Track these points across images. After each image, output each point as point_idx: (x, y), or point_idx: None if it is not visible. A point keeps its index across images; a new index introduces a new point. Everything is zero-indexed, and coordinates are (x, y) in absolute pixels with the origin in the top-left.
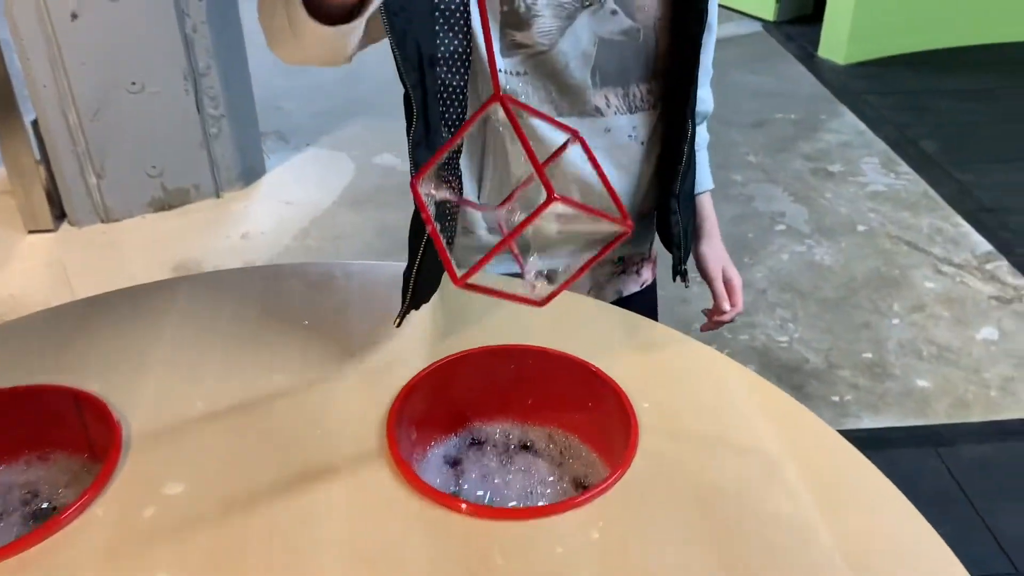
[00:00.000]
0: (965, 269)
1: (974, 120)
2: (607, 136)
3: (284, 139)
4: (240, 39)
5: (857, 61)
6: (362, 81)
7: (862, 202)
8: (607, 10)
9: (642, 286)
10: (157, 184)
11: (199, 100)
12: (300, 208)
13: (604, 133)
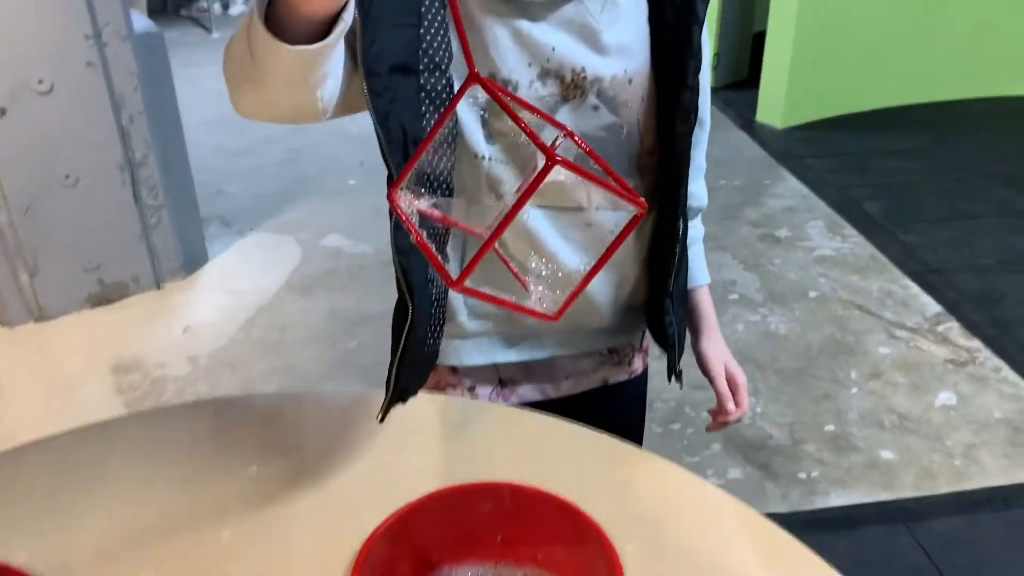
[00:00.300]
0: (918, 332)
1: (911, 180)
2: (588, 231)
3: (227, 224)
4: (178, 124)
5: (795, 125)
6: (306, 161)
7: (811, 267)
8: (588, 105)
9: (631, 376)
10: (94, 279)
11: (137, 190)
12: (245, 296)
13: (585, 228)
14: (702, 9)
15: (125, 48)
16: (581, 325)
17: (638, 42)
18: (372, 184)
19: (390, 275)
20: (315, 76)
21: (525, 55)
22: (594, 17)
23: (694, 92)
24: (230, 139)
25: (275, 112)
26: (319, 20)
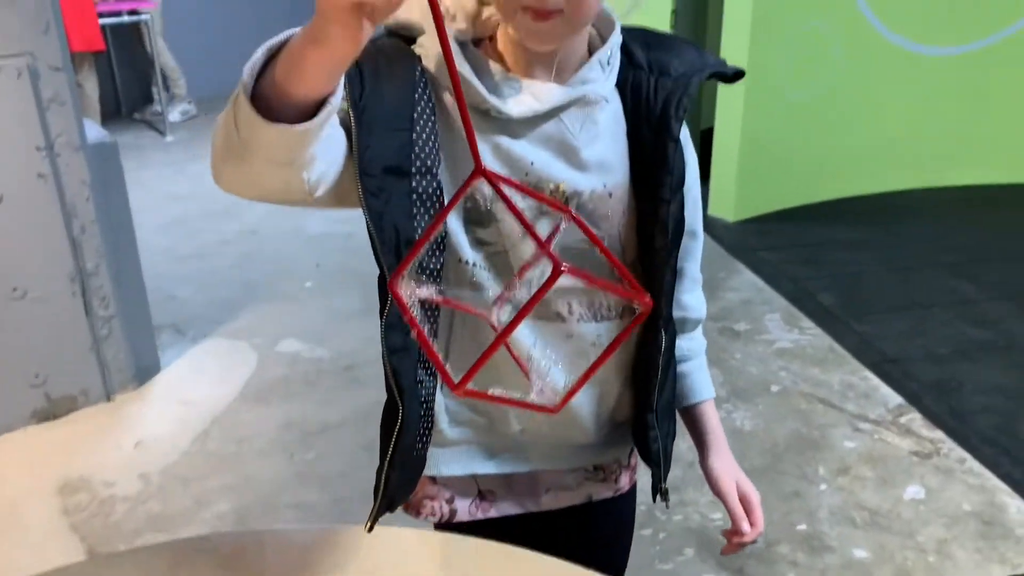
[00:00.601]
0: (881, 425)
1: (861, 271)
2: (569, 342)
3: (180, 331)
4: (131, 232)
5: (746, 218)
6: (261, 264)
7: (772, 360)
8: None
9: (616, 492)
10: (40, 394)
11: (87, 301)
12: (199, 407)
13: (566, 339)
14: (676, 127)
15: (78, 158)
16: (565, 441)
17: (617, 158)
18: (329, 286)
19: (348, 380)
20: (301, 158)
21: (505, 169)
22: (573, 134)
23: (671, 207)
24: (183, 243)
25: (260, 190)
26: (307, 103)
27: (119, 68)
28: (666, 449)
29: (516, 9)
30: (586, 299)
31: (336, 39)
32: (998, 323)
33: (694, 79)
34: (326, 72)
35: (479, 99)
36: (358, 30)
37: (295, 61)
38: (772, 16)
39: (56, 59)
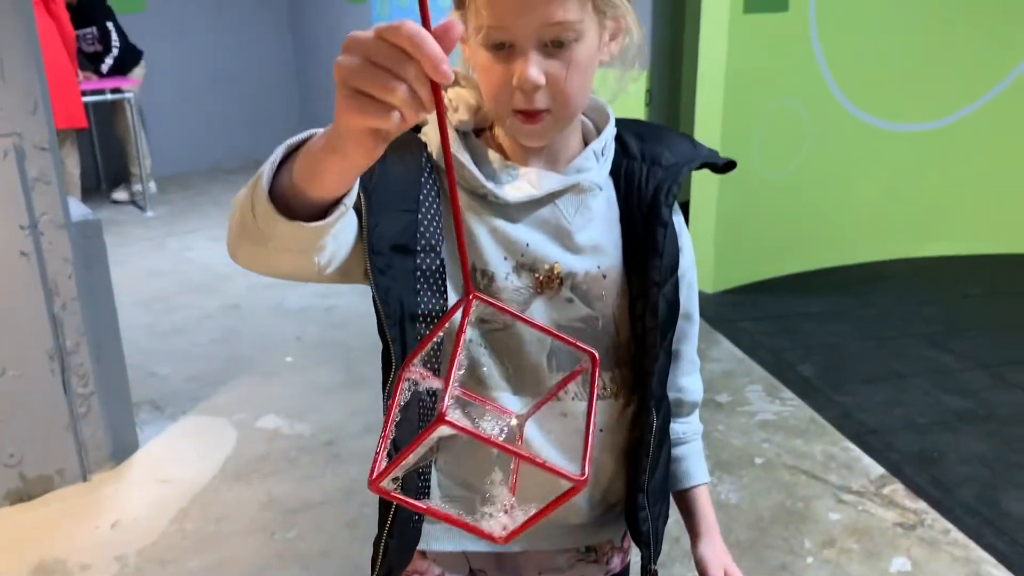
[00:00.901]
0: (865, 496)
1: (839, 341)
2: (564, 421)
3: (158, 408)
4: (112, 309)
5: (724, 289)
6: (241, 339)
7: (754, 432)
8: (562, 298)
9: (607, 574)
10: (15, 474)
11: (66, 379)
12: (178, 486)
13: (561, 418)
14: (666, 213)
15: (61, 236)
16: (557, 521)
17: (610, 242)
18: (309, 361)
19: (329, 456)
20: (313, 247)
21: (501, 250)
22: (567, 219)
23: (663, 289)
24: (163, 319)
25: (271, 271)
26: (321, 203)
27: (100, 145)
28: (656, 531)
29: (507, 113)
30: (581, 378)
31: (352, 153)
32: (977, 393)
33: (684, 169)
34: (342, 178)
35: (476, 184)
36: (373, 147)
37: (313, 165)
38: (744, 95)
39: (43, 139)
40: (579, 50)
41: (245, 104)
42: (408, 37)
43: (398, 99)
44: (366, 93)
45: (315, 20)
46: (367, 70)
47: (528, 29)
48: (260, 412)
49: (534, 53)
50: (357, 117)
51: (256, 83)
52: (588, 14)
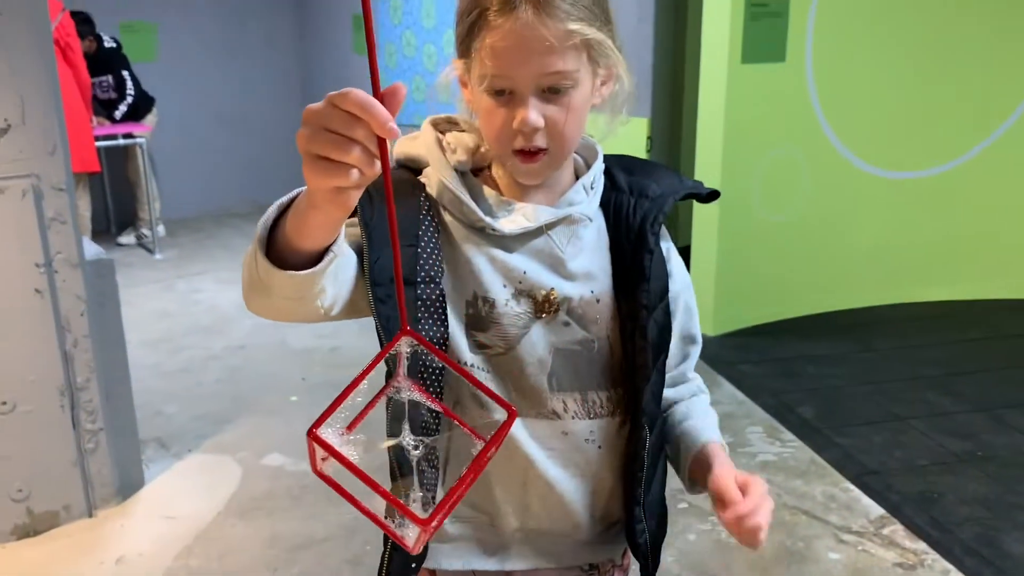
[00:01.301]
0: (865, 536)
1: (839, 384)
2: (565, 439)
3: (165, 446)
4: (122, 347)
5: (725, 332)
6: (247, 379)
7: (755, 473)
8: (559, 322)
9: None
10: (22, 509)
11: (75, 415)
12: (182, 523)
13: (562, 436)
14: (652, 240)
15: (75, 274)
16: (562, 538)
17: (601, 268)
18: (314, 399)
19: (332, 495)
20: (311, 293)
21: (500, 278)
22: (560, 248)
23: (653, 313)
24: (169, 359)
25: (282, 317)
26: (313, 252)
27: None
28: (654, 543)
29: (508, 153)
30: (579, 396)
31: (327, 208)
32: (976, 435)
33: (669, 199)
34: (325, 229)
35: (475, 218)
36: (344, 201)
37: (299, 221)
38: (743, 143)
39: (60, 180)
40: (575, 96)
41: (253, 150)
42: (355, 103)
43: (353, 158)
44: (324, 157)
45: (322, 69)
46: (322, 136)
47: (528, 78)
48: (264, 450)
49: (533, 99)
50: (321, 179)
51: (264, 129)
52: (583, 63)
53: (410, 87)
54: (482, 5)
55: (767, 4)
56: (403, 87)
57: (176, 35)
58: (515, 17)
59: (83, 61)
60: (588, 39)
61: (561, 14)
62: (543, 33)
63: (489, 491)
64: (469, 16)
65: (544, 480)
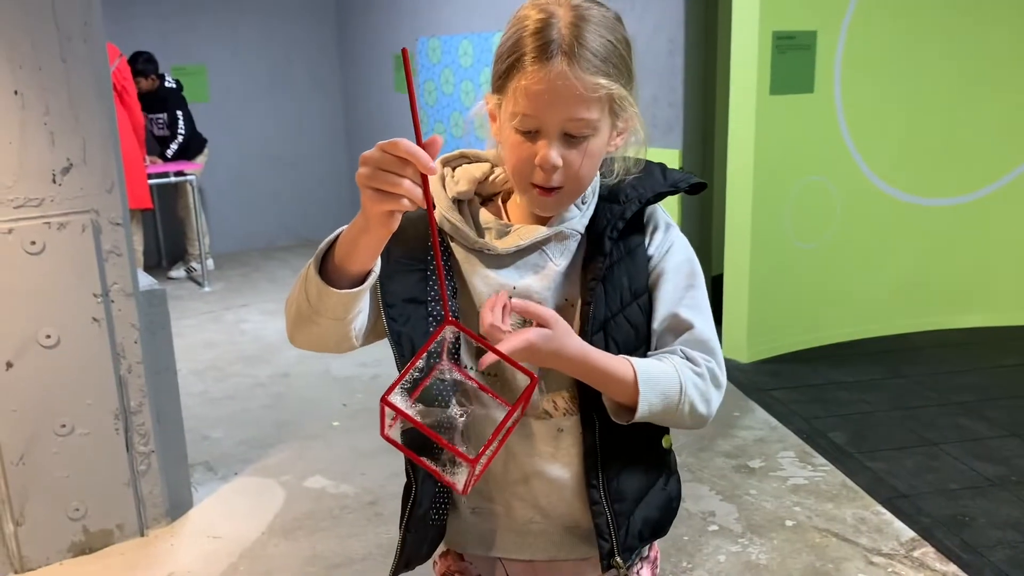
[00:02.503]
0: (895, 559)
1: (871, 410)
2: (561, 436)
3: (212, 470)
4: (173, 373)
5: (758, 359)
6: (290, 405)
7: (786, 496)
8: None
9: None
10: (79, 527)
11: (129, 438)
12: (228, 542)
13: (558, 434)
14: (607, 244)
15: (129, 304)
16: (574, 528)
17: (577, 275)
18: (355, 424)
19: (371, 515)
20: (352, 313)
21: (492, 291)
22: (553, 260)
23: (619, 316)
24: (216, 386)
25: (322, 344)
26: (357, 276)
27: (163, 225)
28: (613, 523)
29: (526, 185)
30: (567, 393)
31: (377, 229)
32: (1009, 459)
33: (633, 203)
34: (371, 249)
35: (471, 240)
36: (391, 223)
37: (350, 245)
38: (773, 172)
39: (117, 215)
40: (593, 143)
41: (299, 186)
42: (405, 151)
43: (403, 190)
44: (380, 190)
45: (365, 108)
46: (379, 175)
47: (555, 122)
48: (307, 473)
49: (556, 141)
50: (378, 205)
51: (309, 167)
52: (605, 114)
53: (448, 123)
54: (521, 50)
55: (794, 37)
56: (440, 138)
57: (226, 76)
58: (550, 66)
59: (138, 104)
60: (612, 93)
61: (592, 68)
62: (573, 83)
63: (501, 487)
64: (508, 59)
65: (546, 478)
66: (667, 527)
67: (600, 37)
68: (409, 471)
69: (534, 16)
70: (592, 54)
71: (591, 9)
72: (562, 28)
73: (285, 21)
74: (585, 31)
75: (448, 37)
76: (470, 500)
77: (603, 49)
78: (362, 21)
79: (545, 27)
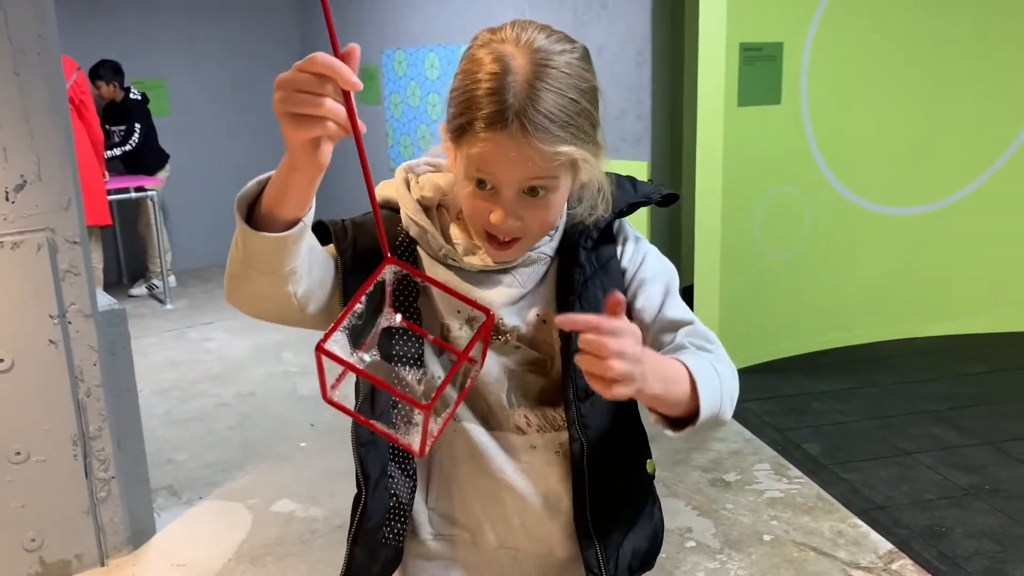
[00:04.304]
0: (874, 572)
1: (844, 420)
2: (534, 453)
3: (176, 494)
4: (134, 395)
5: None
6: (257, 425)
7: (763, 510)
8: (511, 345)
9: None
10: (35, 559)
11: (88, 464)
12: (194, 569)
13: (531, 450)
14: (583, 255)
15: (88, 325)
16: (544, 556)
17: (550, 290)
18: (324, 445)
19: (342, 540)
20: (285, 266)
21: (453, 306)
22: (520, 284)
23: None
24: (180, 407)
25: (259, 306)
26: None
27: (123, 242)
28: (602, 559)
29: (482, 233)
30: (539, 412)
31: (304, 164)
32: (982, 468)
33: (607, 215)
34: (301, 192)
35: (437, 246)
36: (319, 155)
37: (278, 186)
38: (742, 184)
39: (74, 233)
40: (554, 197)
41: None
42: (323, 64)
43: (325, 110)
44: (299, 113)
45: None
46: (296, 97)
47: (511, 184)
48: (275, 496)
49: (513, 197)
50: (300, 132)
51: None
52: (566, 171)
53: (414, 136)
54: (473, 113)
55: (761, 48)
56: (357, 48)
57: (187, 91)
58: (504, 135)
59: (96, 118)
60: (574, 158)
61: (551, 137)
62: (530, 153)
63: (468, 507)
64: (460, 117)
65: (518, 494)
66: (655, 559)
67: (561, 97)
68: (359, 478)
69: (487, 65)
70: (551, 121)
71: (552, 56)
72: (518, 89)
73: (249, 34)
74: (544, 92)
75: (414, 50)
76: (433, 525)
77: (563, 113)
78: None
79: (499, 88)
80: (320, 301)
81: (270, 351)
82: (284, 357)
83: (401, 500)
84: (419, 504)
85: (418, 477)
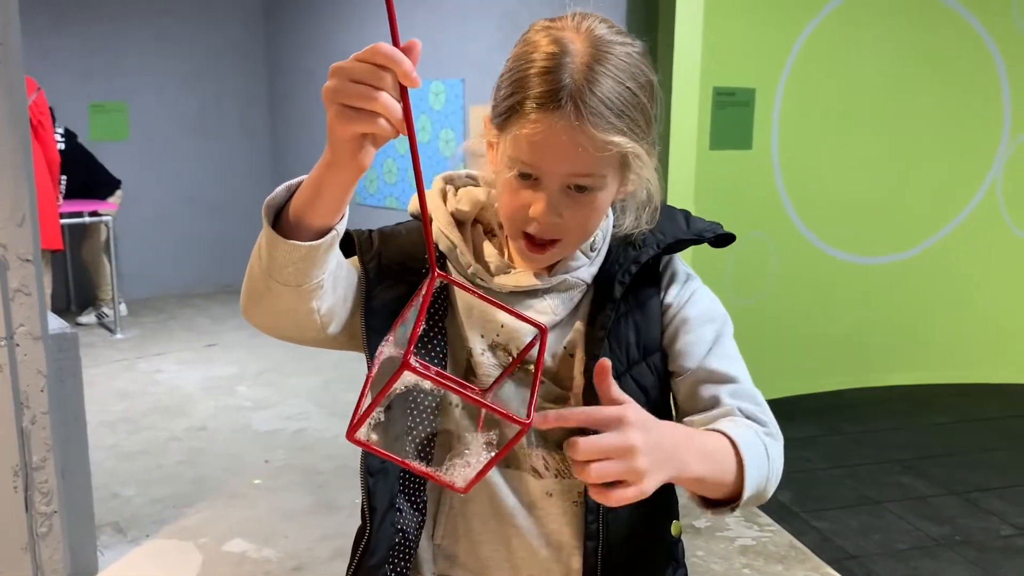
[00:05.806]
0: None
1: (812, 468)
2: (548, 501)
3: (121, 531)
4: (83, 424)
5: None
6: (209, 461)
7: (735, 558)
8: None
9: None
10: None
11: (29, 497)
12: None
13: (547, 497)
14: (618, 289)
15: (37, 348)
16: None
17: (580, 319)
18: (278, 483)
19: None
20: (311, 280)
21: (478, 328)
22: (553, 311)
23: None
24: (128, 440)
25: (280, 324)
26: (317, 231)
27: (72, 268)
28: None
29: (518, 233)
30: (557, 454)
31: (346, 162)
32: (952, 519)
33: (649, 249)
34: (335, 197)
35: (465, 263)
36: (363, 154)
37: (312, 187)
38: None
39: (27, 251)
40: (599, 196)
41: (221, 231)
42: (384, 54)
43: (380, 106)
44: (351, 106)
45: (295, 153)
46: (350, 87)
47: (557, 176)
48: (226, 536)
49: (557, 193)
50: (347, 126)
51: (233, 212)
52: (615, 169)
53: (380, 170)
54: (524, 92)
55: (734, 93)
56: (419, 43)
57: (148, 115)
58: (556, 116)
59: (54, 140)
60: (625, 152)
61: (605, 124)
62: (582, 139)
63: (475, 549)
64: (510, 97)
65: (528, 543)
66: None
67: (619, 84)
68: (364, 511)
69: (544, 46)
70: (607, 107)
71: (613, 44)
72: (575, 70)
73: (215, 62)
74: (602, 76)
75: None
76: (436, 564)
77: (620, 100)
78: (296, 64)
79: (555, 67)
80: (342, 320)
81: (223, 384)
82: (238, 391)
83: (408, 536)
84: (424, 540)
85: (430, 514)
